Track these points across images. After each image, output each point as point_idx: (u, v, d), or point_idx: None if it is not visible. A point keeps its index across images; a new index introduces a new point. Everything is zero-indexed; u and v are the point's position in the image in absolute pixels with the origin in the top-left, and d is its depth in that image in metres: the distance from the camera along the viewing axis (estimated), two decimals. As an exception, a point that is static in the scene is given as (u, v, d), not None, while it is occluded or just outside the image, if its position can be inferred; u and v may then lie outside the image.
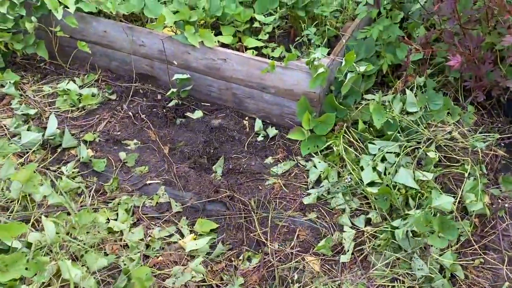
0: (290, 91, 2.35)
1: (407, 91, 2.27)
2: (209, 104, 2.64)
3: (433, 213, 1.85)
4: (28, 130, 2.35)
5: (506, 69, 2.17)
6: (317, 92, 2.29)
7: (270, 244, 1.95)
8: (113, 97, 2.67)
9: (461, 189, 2.00)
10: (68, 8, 2.52)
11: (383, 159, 2.14)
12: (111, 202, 2.08)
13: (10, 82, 2.56)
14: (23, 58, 2.88)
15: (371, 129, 2.31)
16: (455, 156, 2.10)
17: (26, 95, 2.59)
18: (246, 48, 2.50)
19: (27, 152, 2.26)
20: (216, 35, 2.54)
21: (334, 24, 2.57)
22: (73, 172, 2.20)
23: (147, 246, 1.92)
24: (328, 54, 2.37)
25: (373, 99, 2.34)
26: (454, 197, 1.92)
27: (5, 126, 2.38)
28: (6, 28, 2.53)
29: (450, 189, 2.07)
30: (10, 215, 1.90)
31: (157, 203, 2.11)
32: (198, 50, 2.42)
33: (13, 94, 2.54)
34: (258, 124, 2.49)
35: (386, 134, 2.24)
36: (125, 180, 2.21)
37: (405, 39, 2.21)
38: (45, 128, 2.35)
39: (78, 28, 2.65)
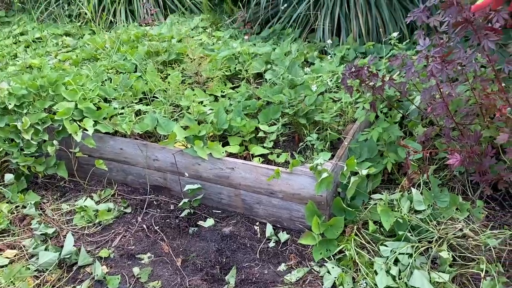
0: (297, 195, 2.40)
1: (413, 190, 2.29)
2: (220, 211, 2.69)
3: (453, 319, 1.77)
4: (46, 249, 2.41)
5: (510, 162, 2.19)
6: (324, 195, 2.33)
7: None
8: (128, 210, 2.76)
9: (481, 290, 1.93)
10: (87, 130, 2.72)
11: (396, 261, 2.11)
12: (124, 322, 2.07)
13: (31, 203, 2.70)
14: (44, 178, 3.05)
15: (382, 229, 2.30)
16: (469, 255, 2.05)
17: (46, 214, 2.70)
18: (253, 156, 2.61)
19: (45, 272, 2.30)
20: (224, 145, 2.68)
21: (336, 127, 2.69)
22: (87, 292, 2.22)
23: None
24: (333, 156, 2.45)
25: (380, 199, 2.36)
26: (474, 300, 1.86)
27: (24, 247, 2.46)
28: (29, 152, 2.73)
29: (470, 290, 2.00)
30: None
31: (170, 320, 2.08)
32: (207, 161, 2.54)
33: (33, 215, 2.66)
34: (269, 229, 2.51)
35: (398, 234, 2.23)
36: (138, 297, 2.21)
37: (402, 141, 2.28)
38: (62, 246, 2.42)
39: (95, 147, 2.84)
